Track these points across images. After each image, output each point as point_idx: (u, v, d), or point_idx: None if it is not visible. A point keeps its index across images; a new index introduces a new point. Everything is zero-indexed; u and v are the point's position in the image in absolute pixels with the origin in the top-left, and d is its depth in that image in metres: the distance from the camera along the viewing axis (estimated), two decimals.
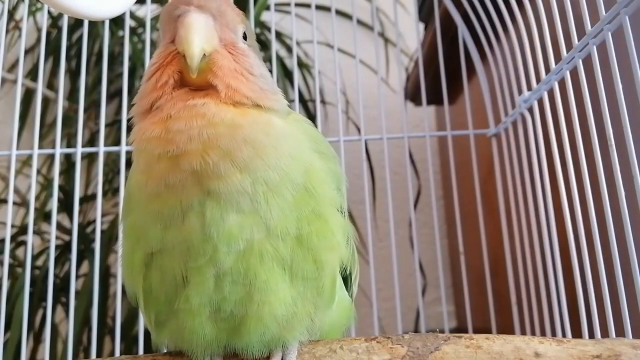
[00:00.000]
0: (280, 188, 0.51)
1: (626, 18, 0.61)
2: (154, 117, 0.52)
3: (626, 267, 0.61)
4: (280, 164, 0.51)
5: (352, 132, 1.69)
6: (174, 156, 0.50)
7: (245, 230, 0.50)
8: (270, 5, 1.14)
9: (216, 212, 0.50)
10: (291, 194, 0.52)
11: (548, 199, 0.85)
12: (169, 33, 0.54)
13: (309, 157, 0.55)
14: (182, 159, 0.50)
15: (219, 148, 0.49)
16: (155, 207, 0.51)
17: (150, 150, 0.51)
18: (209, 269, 0.51)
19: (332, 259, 0.55)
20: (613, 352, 0.53)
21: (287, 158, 0.52)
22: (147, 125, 0.53)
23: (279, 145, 0.52)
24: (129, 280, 0.57)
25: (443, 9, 1.20)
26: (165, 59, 0.53)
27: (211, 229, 0.50)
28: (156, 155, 0.51)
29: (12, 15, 1.61)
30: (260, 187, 0.50)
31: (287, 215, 0.51)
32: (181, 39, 0.50)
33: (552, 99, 0.80)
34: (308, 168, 0.54)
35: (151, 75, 0.54)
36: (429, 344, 0.56)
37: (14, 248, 1.47)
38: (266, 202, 0.51)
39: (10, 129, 1.07)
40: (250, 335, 0.52)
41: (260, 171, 0.50)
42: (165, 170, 0.50)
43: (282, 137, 0.53)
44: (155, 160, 0.51)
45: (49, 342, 1.01)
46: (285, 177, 0.52)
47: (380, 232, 1.65)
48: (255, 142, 0.51)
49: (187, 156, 0.49)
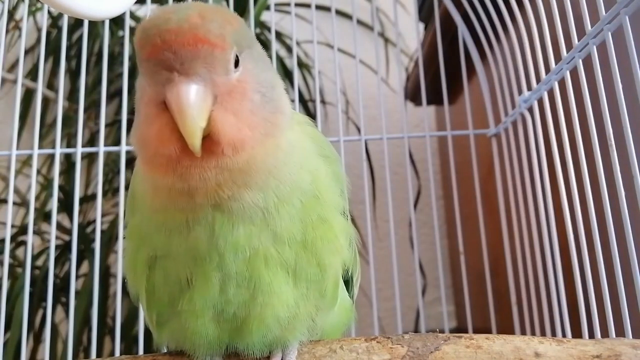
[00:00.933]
0: (291, 198, 0.51)
1: (626, 18, 0.61)
2: (160, 166, 0.49)
3: (626, 267, 0.61)
4: (291, 176, 0.51)
5: (352, 132, 1.69)
6: (184, 190, 0.48)
7: (253, 239, 0.50)
8: (270, 5, 1.14)
9: (226, 226, 0.49)
10: (300, 201, 0.52)
11: (548, 199, 0.85)
12: (154, 92, 0.47)
13: (316, 163, 0.55)
14: (196, 194, 0.48)
15: (235, 184, 0.49)
16: (159, 219, 0.51)
17: (158, 182, 0.50)
18: (215, 274, 0.51)
19: (335, 262, 0.56)
20: (613, 352, 0.53)
21: (298, 169, 0.52)
22: (154, 169, 0.50)
23: (289, 161, 0.52)
24: (132, 279, 0.57)
25: (443, 9, 1.20)
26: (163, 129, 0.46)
27: (219, 240, 0.50)
28: (165, 186, 0.49)
29: (12, 15, 1.61)
30: (272, 200, 0.50)
31: (295, 221, 0.52)
32: (177, 122, 0.45)
33: (552, 99, 0.80)
34: (315, 174, 0.54)
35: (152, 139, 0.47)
36: (429, 344, 0.56)
37: (14, 248, 1.47)
38: (277, 212, 0.51)
39: (10, 129, 1.07)
40: (252, 335, 0.53)
41: (273, 188, 0.50)
42: (174, 197, 0.49)
43: (291, 152, 0.52)
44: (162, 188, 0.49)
45: (49, 342, 1.01)
46: (295, 187, 0.52)
47: (380, 232, 1.65)
48: (267, 168, 0.50)
49: (201, 192, 0.48)
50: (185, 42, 0.44)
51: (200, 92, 0.45)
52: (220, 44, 0.46)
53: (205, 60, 0.45)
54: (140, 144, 0.50)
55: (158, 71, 0.45)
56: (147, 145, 0.48)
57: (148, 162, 0.50)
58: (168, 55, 0.44)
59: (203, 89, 0.45)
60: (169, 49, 0.44)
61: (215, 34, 0.45)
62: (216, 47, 0.45)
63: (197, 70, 0.45)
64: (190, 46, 0.44)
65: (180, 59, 0.44)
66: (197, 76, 0.45)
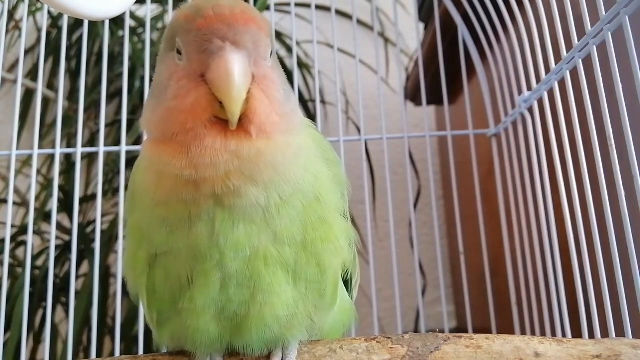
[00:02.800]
0: (293, 199, 0.52)
1: (626, 18, 0.61)
2: (175, 146, 0.50)
3: (626, 267, 0.61)
4: (295, 177, 0.52)
5: (352, 132, 1.69)
6: (191, 179, 0.49)
7: (253, 238, 0.51)
8: (270, 5, 1.14)
9: (227, 223, 0.50)
10: (301, 203, 0.52)
11: (548, 199, 0.85)
12: (196, 63, 0.48)
13: (319, 165, 0.56)
14: (203, 183, 0.49)
15: (242, 174, 0.49)
16: (161, 213, 0.51)
17: (164, 169, 0.50)
18: (215, 272, 0.51)
19: (335, 263, 0.56)
20: (613, 352, 0.54)
21: (302, 171, 0.53)
22: (166, 150, 0.50)
23: (295, 161, 0.52)
24: (132, 278, 0.57)
25: (443, 9, 1.20)
26: (196, 98, 0.48)
27: (219, 238, 0.50)
28: (171, 174, 0.49)
29: (12, 15, 1.61)
30: (274, 200, 0.50)
31: (295, 222, 0.52)
32: (220, 89, 0.47)
33: (552, 99, 0.80)
34: (318, 177, 0.54)
35: (178, 105, 0.49)
36: (429, 344, 0.56)
37: (14, 248, 1.47)
38: (278, 212, 0.51)
39: (10, 129, 1.07)
40: (252, 334, 0.53)
41: (276, 186, 0.51)
42: (179, 187, 0.49)
43: (298, 153, 0.53)
44: (168, 177, 0.50)
45: (49, 342, 1.01)
46: (297, 188, 0.52)
47: (380, 232, 1.65)
48: (275, 164, 0.50)
49: (208, 181, 0.49)
50: (239, 17, 0.48)
51: (246, 64, 0.48)
52: (265, 29, 0.50)
53: (253, 38, 0.49)
54: (164, 120, 0.50)
55: (209, 40, 0.48)
56: (175, 119, 0.49)
57: (166, 140, 0.50)
58: (221, 27, 0.47)
59: (249, 62, 0.48)
60: (223, 21, 0.48)
61: (262, 20, 0.50)
62: (262, 30, 0.50)
63: (246, 44, 0.48)
64: (243, 22, 0.48)
65: (234, 30, 0.47)
66: (246, 50, 0.48)
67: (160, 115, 0.51)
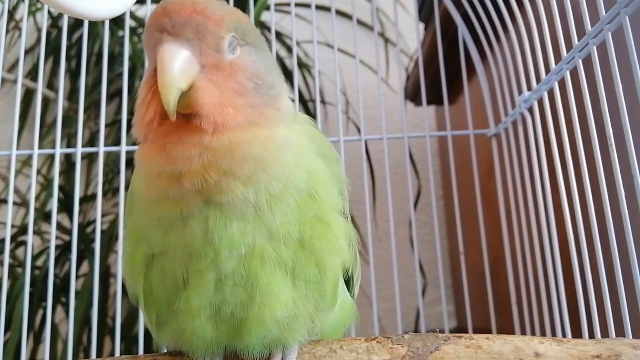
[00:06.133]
0: (284, 195, 0.51)
1: (626, 18, 0.61)
2: (153, 145, 0.51)
3: (626, 267, 0.61)
4: (284, 172, 0.51)
5: (352, 132, 1.69)
6: (174, 175, 0.50)
7: (248, 236, 0.50)
8: (270, 5, 1.14)
9: (220, 220, 0.50)
10: (295, 200, 0.52)
11: (548, 199, 0.85)
12: (151, 60, 0.51)
13: (313, 162, 0.55)
14: (183, 178, 0.49)
15: (219, 167, 0.49)
16: (155, 213, 0.51)
17: (150, 168, 0.52)
18: (210, 272, 0.51)
19: (335, 263, 0.56)
20: (613, 352, 0.54)
21: (291, 166, 0.52)
22: (150, 149, 0.52)
23: (282, 155, 0.52)
24: (130, 279, 0.57)
25: (443, 9, 1.20)
26: (147, 93, 0.50)
27: (214, 235, 0.50)
28: (155, 172, 0.51)
29: (12, 15, 1.61)
30: (264, 197, 0.50)
31: (290, 220, 0.52)
32: (158, 78, 0.47)
33: (552, 99, 0.80)
34: (312, 173, 0.54)
35: (140, 106, 0.51)
36: (429, 344, 0.56)
37: (14, 248, 1.47)
38: (270, 209, 0.51)
39: (10, 129, 1.07)
40: (251, 336, 0.52)
41: (264, 182, 0.50)
42: (165, 184, 0.50)
43: (285, 147, 0.53)
44: (155, 175, 0.51)
45: (49, 342, 1.01)
46: (288, 185, 0.52)
47: (380, 232, 1.65)
48: (256, 158, 0.50)
49: (187, 176, 0.49)
50: (182, 10, 0.48)
51: (184, 54, 0.48)
52: (215, 19, 0.49)
53: (197, 28, 0.49)
54: (137, 122, 0.52)
55: (152, 34, 0.49)
56: (141, 119, 0.51)
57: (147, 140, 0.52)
58: (162, 19, 0.48)
59: (189, 52, 0.48)
60: (167, 15, 0.48)
61: (213, 11, 0.50)
62: (210, 20, 0.49)
63: (186, 34, 0.48)
64: (185, 13, 0.48)
65: (172, 22, 0.48)
66: (185, 40, 0.48)
67: (135, 118, 0.52)
